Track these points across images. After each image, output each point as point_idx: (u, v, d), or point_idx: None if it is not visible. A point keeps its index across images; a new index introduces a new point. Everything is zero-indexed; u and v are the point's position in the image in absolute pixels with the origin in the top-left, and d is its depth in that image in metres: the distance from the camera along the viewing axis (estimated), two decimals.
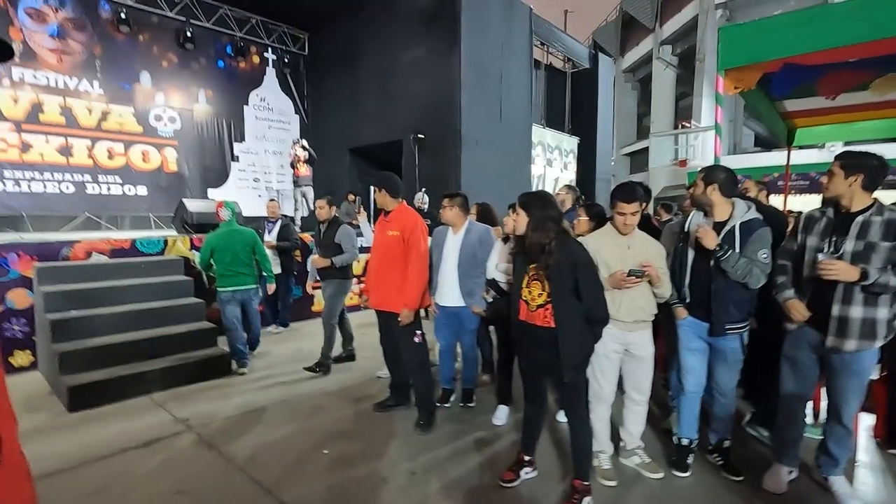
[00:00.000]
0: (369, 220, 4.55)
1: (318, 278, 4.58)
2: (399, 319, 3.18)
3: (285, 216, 5.92)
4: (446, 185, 7.71)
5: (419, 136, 8.50)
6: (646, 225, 2.86)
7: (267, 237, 5.61)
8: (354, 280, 5.02)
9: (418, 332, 3.29)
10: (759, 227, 2.43)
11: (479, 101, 8.51)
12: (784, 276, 2.48)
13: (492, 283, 3.29)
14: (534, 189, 8.87)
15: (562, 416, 3.23)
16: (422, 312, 3.47)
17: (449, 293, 3.51)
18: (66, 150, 8.20)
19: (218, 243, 4.49)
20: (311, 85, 11.41)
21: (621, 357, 2.61)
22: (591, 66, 13.61)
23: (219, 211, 4.71)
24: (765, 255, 2.38)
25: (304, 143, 8.22)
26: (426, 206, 5.73)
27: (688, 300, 2.59)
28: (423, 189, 6.19)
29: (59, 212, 8.10)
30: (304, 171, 8.05)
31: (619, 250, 2.52)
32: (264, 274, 4.74)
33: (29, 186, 7.82)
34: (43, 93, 7.97)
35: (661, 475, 2.65)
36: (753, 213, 2.47)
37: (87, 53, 8.41)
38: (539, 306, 2.30)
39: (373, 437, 3.18)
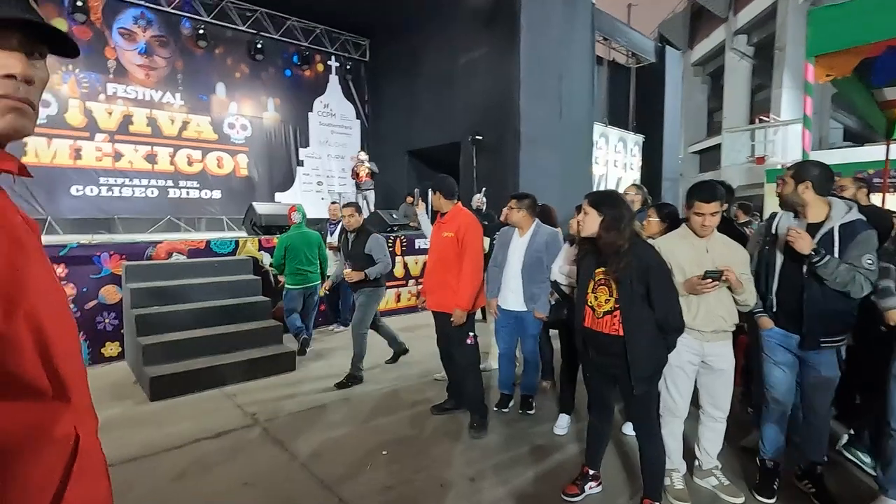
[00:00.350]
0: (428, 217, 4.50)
1: (336, 281, 4.51)
2: (451, 320, 3.19)
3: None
4: (504, 187, 7.61)
5: (477, 136, 8.46)
6: (727, 228, 2.64)
7: (329, 238, 5.78)
8: (412, 282, 5.06)
9: (471, 333, 3.28)
10: (862, 229, 2.16)
11: (539, 101, 8.34)
12: (889, 280, 2.20)
13: (554, 286, 3.17)
14: (594, 190, 8.57)
15: (629, 429, 3.07)
16: (478, 314, 3.43)
17: (511, 297, 3.45)
18: (151, 158, 8.89)
19: (291, 244, 4.93)
20: (372, 90, 11.69)
21: (697, 369, 2.42)
22: (658, 60, 12.99)
23: (291, 214, 5.07)
24: (870, 261, 2.12)
25: (367, 159, 8.54)
26: (484, 207, 5.68)
27: (774, 309, 2.36)
28: (483, 189, 6.15)
29: (146, 214, 8.79)
30: (366, 176, 8.41)
31: (696, 254, 2.34)
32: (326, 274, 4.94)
33: (120, 191, 8.54)
34: (133, 106, 8.69)
35: (741, 500, 2.43)
36: (855, 214, 2.21)
37: (170, 68, 9.08)
38: (606, 313, 2.18)
39: (431, 439, 3.16)
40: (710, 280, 2.18)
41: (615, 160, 12.01)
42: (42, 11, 0.69)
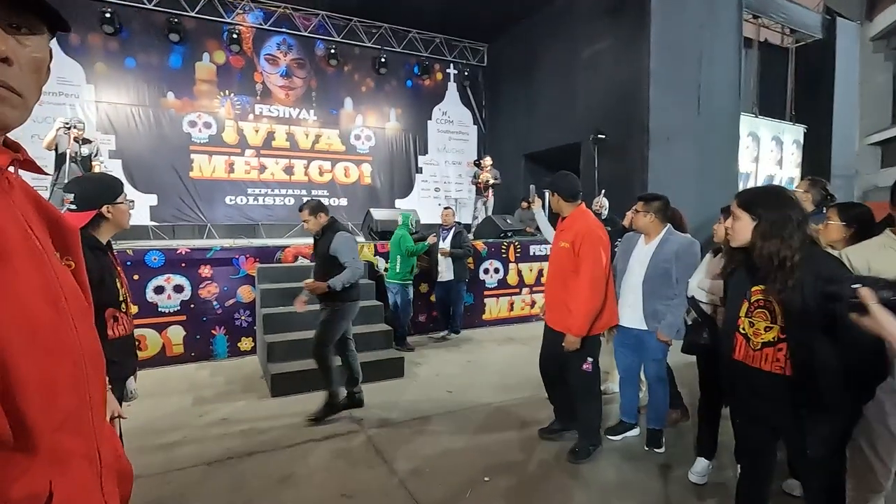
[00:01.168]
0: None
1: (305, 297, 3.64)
2: (563, 344, 2.81)
3: (458, 223, 5.99)
4: (630, 189, 6.92)
5: (600, 136, 7.84)
6: None
7: (441, 244, 5.73)
8: (525, 290, 4.77)
9: (590, 359, 2.87)
10: None
11: (672, 93, 7.46)
12: None
13: (692, 303, 2.66)
14: (742, 189, 7.42)
15: (795, 487, 2.43)
16: (603, 335, 3.03)
17: (628, 312, 2.99)
18: (289, 170, 9.79)
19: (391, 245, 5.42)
20: (489, 95, 11.61)
21: None
22: (825, 36, 10.95)
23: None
24: None
25: (492, 165, 8.50)
26: (605, 211, 5.16)
27: None
28: (603, 191, 5.62)
29: (283, 221, 9.69)
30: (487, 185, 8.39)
31: None
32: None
33: (263, 200, 9.54)
34: (275, 123, 9.66)
35: None
36: None
37: (306, 87, 9.93)
38: (766, 345, 1.69)
39: (540, 470, 2.85)
40: None
41: (767, 155, 10.35)
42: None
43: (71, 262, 0.71)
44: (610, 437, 3.20)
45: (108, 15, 7.77)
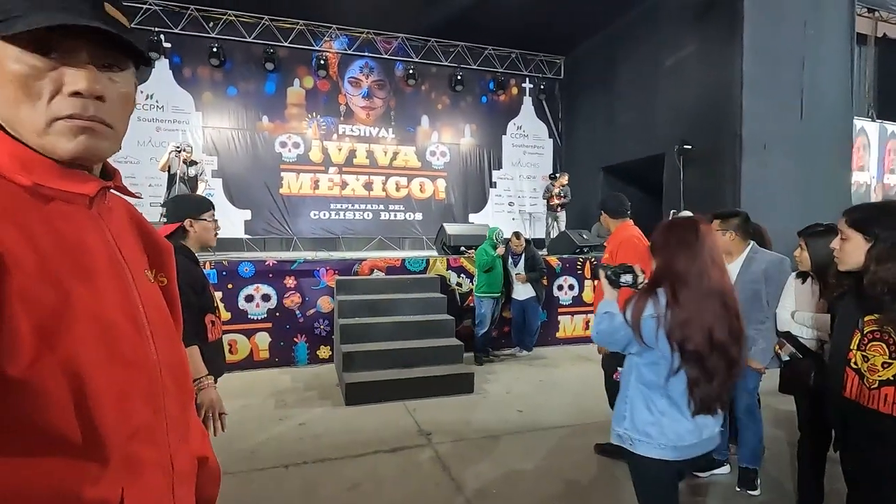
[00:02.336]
0: None
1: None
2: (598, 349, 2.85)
3: (528, 241, 5.88)
4: (720, 203, 6.43)
5: (685, 146, 7.38)
6: None
7: (514, 270, 5.67)
8: None
9: (620, 368, 2.72)
10: None
11: (769, 97, 6.85)
12: None
13: (786, 336, 2.39)
14: (856, 203, 6.61)
15: None
16: None
17: None
18: (368, 186, 10.23)
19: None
20: (566, 107, 11.40)
21: None
22: None
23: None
24: None
25: (564, 185, 8.41)
26: None
27: None
28: (673, 211, 5.26)
29: (362, 234, 10.12)
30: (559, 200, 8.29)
31: None
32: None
33: (344, 215, 10.03)
34: (356, 142, 10.17)
35: None
36: None
37: (385, 107, 10.36)
38: (884, 383, 1.47)
39: (616, 499, 2.68)
40: None
41: (888, 165, 9.15)
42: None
43: (164, 278, 0.77)
44: (695, 473, 2.95)
45: (214, 49, 8.66)
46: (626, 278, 1.78)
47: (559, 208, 8.41)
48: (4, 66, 0.57)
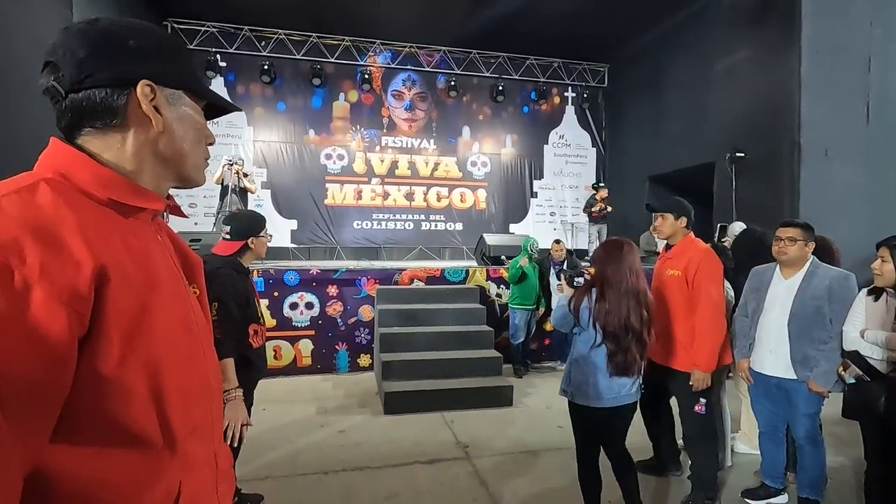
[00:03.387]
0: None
1: None
2: (690, 383, 2.61)
3: (570, 251, 5.77)
4: (776, 214, 6.09)
5: (738, 154, 7.06)
6: None
7: (554, 281, 5.57)
8: None
9: (702, 399, 2.63)
10: None
11: (831, 101, 6.45)
12: None
13: (854, 357, 2.23)
14: None
15: None
16: (722, 375, 2.77)
17: (770, 358, 2.61)
18: (409, 196, 10.37)
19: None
20: (610, 116, 11.18)
21: None
22: None
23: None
24: None
25: (605, 194, 8.32)
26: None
27: None
28: (732, 220, 5.00)
29: (403, 244, 10.25)
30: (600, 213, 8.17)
31: None
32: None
33: (386, 225, 10.21)
34: (398, 153, 10.35)
35: None
36: None
37: (427, 118, 10.51)
38: None
39: None
40: None
41: None
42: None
43: (196, 289, 0.84)
44: (749, 502, 2.78)
45: (265, 67, 9.08)
46: (579, 280, 2.40)
47: (601, 219, 8.27)
48: (192, 116, 0.76)
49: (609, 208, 8.34)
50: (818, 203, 6.11)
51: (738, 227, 4.79)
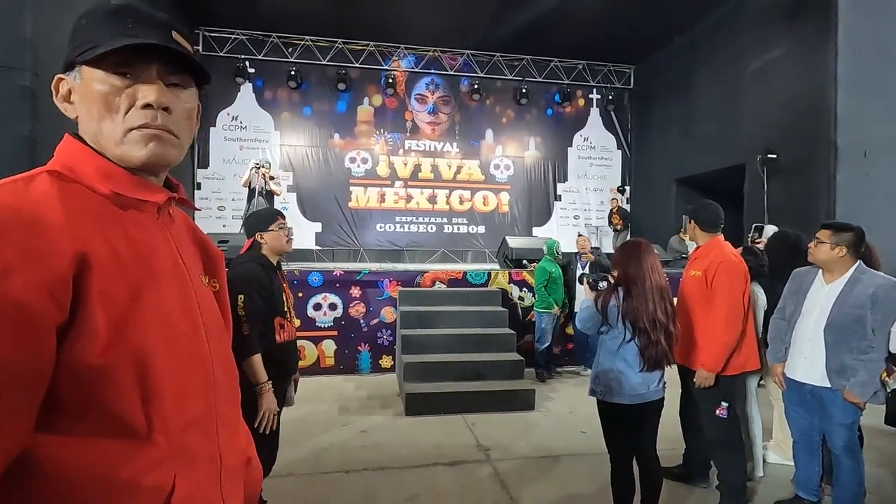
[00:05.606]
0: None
1: None
2: (694, 380, 2.63)
3: (596, 248, 5.69)
4: (811, 217, 5.88)
5: (770, 155, 6.85)
6: None
7: (580, 285, 5.50)
8: None
9: (724, 403, 2.59)
10: None
11: (870, 100, 6.20)
12: None
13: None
14: None
15: None
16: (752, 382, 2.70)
17: (803, 365, 2.51)
18: (432, 199, 10.40)
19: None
20: (636, 118, 11.00)
21: None
22: None
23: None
24: None
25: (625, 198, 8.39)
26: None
27: None
28: (764, 223, 4.82)
29: (426, 247, 10.28)
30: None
31: None
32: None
33: (408, 227, 10.26)
34: (421, 156, 10.41)
35: None
36: None
37: (450, 122, 10.54)
38: None
39: None
40: None
41: None
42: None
43: (216, 283, 0.84)
44: None
45: (292, 72, 9.26)
46: (602, 284, 2.46)
47: (624, 229, 8.28)
48: (91, 87, 0.67)
49: (619, 220, 8.39)
50: (856, 206, 5.87)
51: (770, 230, 4.64)
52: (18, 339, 0.52)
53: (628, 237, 8.09)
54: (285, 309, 2.37)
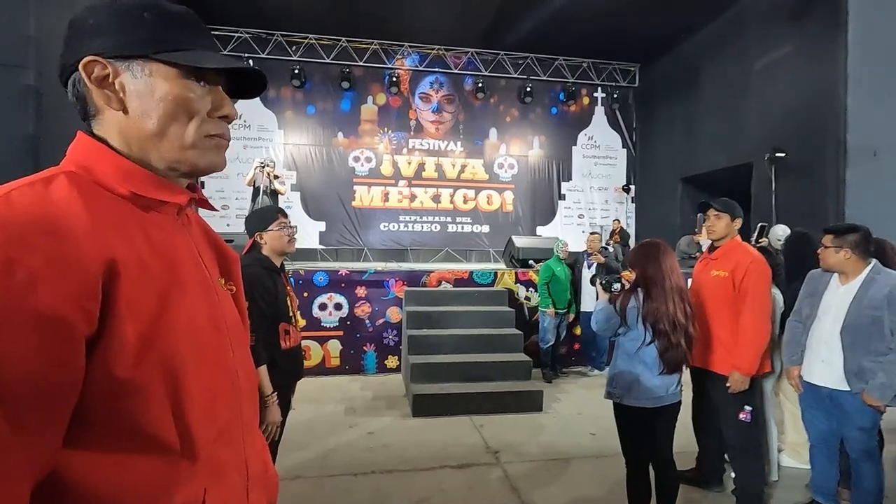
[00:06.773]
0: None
1: None
2: (727, 385, 2.52)
3: (605, 247, 5.65)
4: (819, 216, 5.84)
5: (778, 154, 6.80)
6: None
7: (586, 272, 5.46)
8: None
9: (747, 407, 2.53)
10: None
11: (880, 99, 6.14)
12: None
13: None
14: None
15: None
16: (768, 384, 2.66)
17: (820, 368, 2.47)
18: (436, 198, 10.36)
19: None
20: (641, 116, 10.95)
21: None
22: None
23: None
24: None
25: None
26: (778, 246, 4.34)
27: None
28: (772, 223, 4.77)
29: (430, 246, 10.24)
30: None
31: None
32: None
33: (412, 227, 10.23)
34: (425, 155, 10.37)
35: None
36: None
37: (454, 120, 10.49)
38: None
39: None
40: None
41: None
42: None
43: (233, 286, 0.81)
44: None
45: (296, 71, 9.23)
46: (616, 286, 2.39)
47: (616, 244, 8.28)
48: (164, 87, 0.64)
49: (619, 240, 8.47)
50: (866, 206, 5.81)
51: (780, 229, 4.58)
52: (47, 354, 0.49)
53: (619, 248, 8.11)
54: (290, 314, 2.27)
